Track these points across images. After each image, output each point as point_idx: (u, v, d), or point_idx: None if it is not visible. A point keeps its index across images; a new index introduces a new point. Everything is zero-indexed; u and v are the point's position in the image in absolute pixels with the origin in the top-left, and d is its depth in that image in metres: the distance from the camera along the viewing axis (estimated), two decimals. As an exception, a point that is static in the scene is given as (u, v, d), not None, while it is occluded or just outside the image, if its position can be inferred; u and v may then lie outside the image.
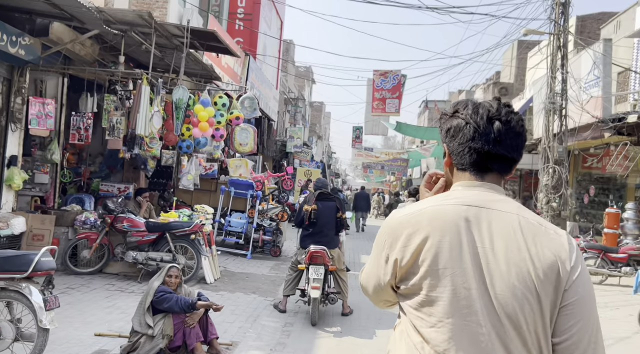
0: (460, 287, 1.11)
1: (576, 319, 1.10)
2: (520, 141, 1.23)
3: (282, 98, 26.24)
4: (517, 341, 1.09)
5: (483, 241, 1.14)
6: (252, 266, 8.60)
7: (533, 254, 1.12)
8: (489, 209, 1.17)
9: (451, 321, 1.11)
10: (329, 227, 5.57)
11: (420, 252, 1.15)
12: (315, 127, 45.93)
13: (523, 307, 1.09)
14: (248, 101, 9.52)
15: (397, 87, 12.78)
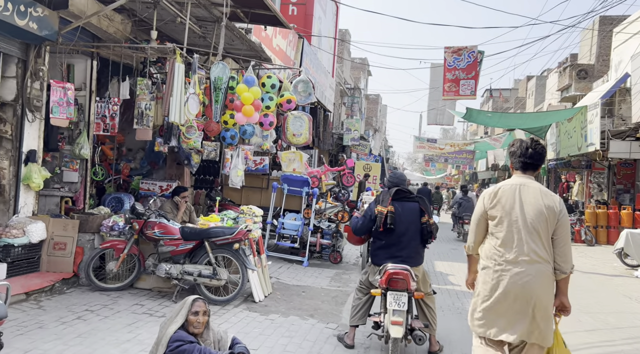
0: (512, 212, 2.88)
1: (561, 229, 2.85)
2: (541, 157, 3.01)
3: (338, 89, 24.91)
4: (537, 237, 2.83)
5: (523, 196, 2.90)
6: (310, 275, 7.33)
7: (544, 202, 2.86)
8: (525, 185, 2.94)
9: (507, 228, 2.88)
10: (411, 236, 4.14)
11: (498, 201, 2.93)
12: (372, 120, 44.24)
13: (540, 223, 2.83)
14: (302, 85, 8.23)
15: (472, 66, 11.05)
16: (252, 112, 5.61)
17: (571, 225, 14.09)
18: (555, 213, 2.83)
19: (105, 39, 6.33)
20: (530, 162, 2.98)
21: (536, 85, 33.54)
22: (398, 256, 4.09)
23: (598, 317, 5.98)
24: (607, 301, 6.88)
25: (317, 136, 14.95)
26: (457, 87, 11.26)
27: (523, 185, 2.93)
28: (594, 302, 6.74)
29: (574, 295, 7.29)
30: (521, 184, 2.94)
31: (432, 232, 4.11)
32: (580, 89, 24.08)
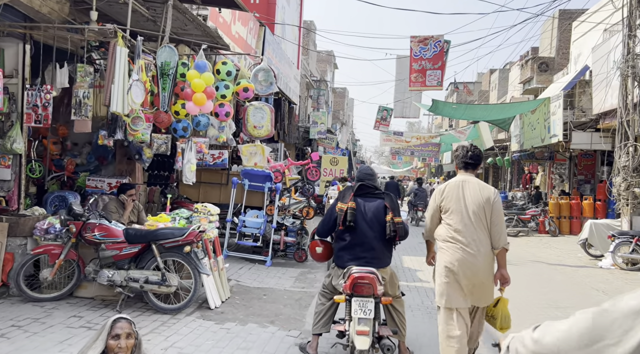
0: (458, 203, 3.49)
1: (495, 214, 3.45)
2: (479, 159, 3.69)
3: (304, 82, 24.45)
4: (479, 222, 3.44)
5: (465, 191, 3.51)
6: (272, 276, 6.92)
7: (482, 194, 3.48)
8: (467, 181, 3.57)
9: (455, 217, 3.48)
10: (377, 235, 3.78)
11: (447, 196, 3.56)
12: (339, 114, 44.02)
13: (480, 210, 3.44)
14: (263, 74, 7.75)
15: (439, 56, 10.80)
16: (205, 100, 5.11)
17: (535, 216, 14.20)
18: (490, 202, 3.51)
19: (38, 19, 5.66)
20: (471, 162, 3.70)
21: (499, 78, 34.06)
22: (363, 257, 3.73)
23: (569, 312, 5.83)
24: (576, 295, 6.78)
25: (282, 129, 14.48)
26: (423, 77, 11.01)
27: (465, 181, 3.61)
28: (564, 296, 6.63)
29: (543, 289, 7.20)
30: (463, 181, 3.62)
31: (396, 231, 3.74)
32: (541, 82, 24.50)
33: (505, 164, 20.93)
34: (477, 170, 3.73)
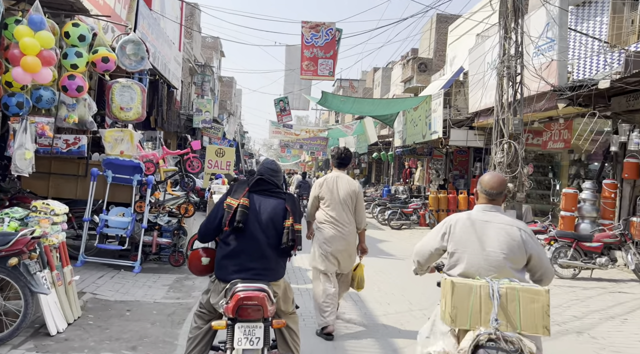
0: (332, 194, 4.58)
1: (359, 203, 4.64)
2: (349, 159, 4.83)
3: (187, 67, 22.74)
4: (347, 208, 4.58)
5: (338, 184, 4.60)
6: (141, 285, 5.85)
7: (350, 187, 4.60)
8: (340, 176, 4.65)
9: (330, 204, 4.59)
10: (270, 242, 3.08)
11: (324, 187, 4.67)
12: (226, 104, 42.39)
13: (348, 199, 4.57)
14: (132, 47, 6.59)
15: (331, 45, 10.43)
16: (38, 66, 3.89)
17: (417, 209, 14.69)
18: (356, 194, 4.64)
19: None
20: (343, 162, 4.79)
21: (382, 76, 35.50)
22: (251, 268, 3.00)
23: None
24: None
25: (160, 115, 13.02)
26: (315, 66, 10.57)
27: (338, 177, 4.68)
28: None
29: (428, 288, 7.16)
30: (337, 176, 4.68)
31: (294, 240, 3.08)
32: (421, 81, 25.86)
33: (388, 159, 21.62)
34: (347, 168, 4.90)
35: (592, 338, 4.78)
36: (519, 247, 2.61)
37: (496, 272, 2.56)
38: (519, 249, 2.60)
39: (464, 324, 2.38)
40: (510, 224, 2.68)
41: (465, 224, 2.71)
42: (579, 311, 5.77)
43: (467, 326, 2.38)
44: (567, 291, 6.79)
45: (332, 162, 4.85)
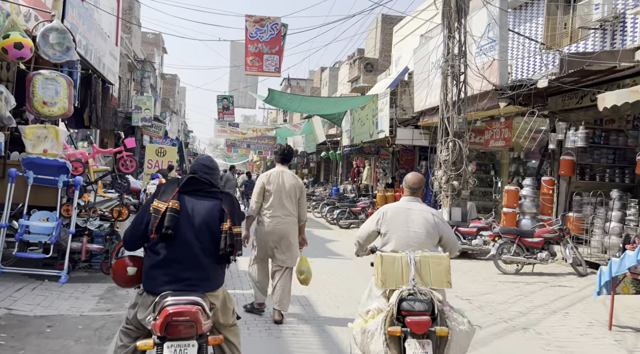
0: (277, 186, 4.85)
1: (302, 197, 4.96)
2: (290, 155, 5.12)
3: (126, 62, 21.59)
4: (290, 201, 4.86)
5: (283, 178, 4.88)
6: (67, 297, 5.30)
7: (294, 181, 4.92)
8: (284, 171, 4.95)
9: (274, 196, 4.82)
10: (205, 249, 2.76)
11: (270, 181, 4.90)
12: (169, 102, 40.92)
13: (291, 193, 4.86)
14: (56, 36, 6.01)
15: (276, 40, 10.10)
16: None
17: (365, 208, 14.68)
18: (299, 188, 4.95)
19: None
20: (286, 158, 5.05)
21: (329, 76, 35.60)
22: (185, 278, 2.68)
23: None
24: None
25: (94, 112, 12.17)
26: (260, 62, 10.21)
27: (283, 171, 4.94)
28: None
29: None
30: (282, 171, 4.94)
31: (234, 245, 2.78)
32: (367, 81, 26.09)
33: (337, 158, 21.59)
34: (289, 163, 5.16)
35: (538, 334, 4.81)
36: (434, 228, 3.42)
37: (418, 247, 3.33)
38: (433, 230, 3.42)
39: (391, 285, 3.17)
40: (426, 211, 3.51)
41: (394, 211, 3.52)
42: (524, 306, 5.84)
43: (393, 287, 3.15)
44: (511, 287, 6.90)
45: (276, 158, 5.16)
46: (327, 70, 36.85)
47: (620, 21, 9.32)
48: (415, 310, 2.95)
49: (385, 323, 2.98)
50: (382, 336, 2.96)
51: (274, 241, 4.79)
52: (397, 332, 2.93)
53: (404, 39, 20.09)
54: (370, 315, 3.21)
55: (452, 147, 10.15)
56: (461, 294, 6.38)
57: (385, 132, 15.05)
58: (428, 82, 12.87)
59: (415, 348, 2.88)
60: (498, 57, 10.48)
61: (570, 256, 7.88)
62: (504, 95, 10.10)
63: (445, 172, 10.18)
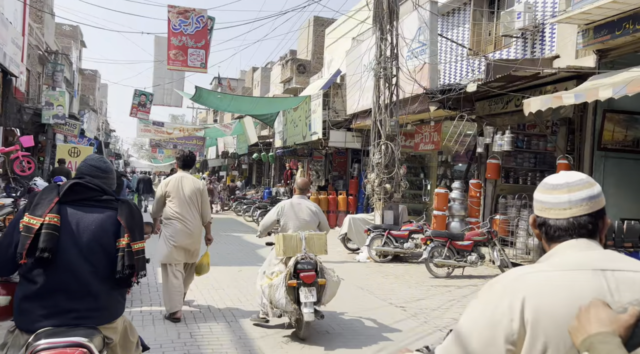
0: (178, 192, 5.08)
1: (204, 200, 5.18)
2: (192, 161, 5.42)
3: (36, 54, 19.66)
4: (193, 205, 5.08)
5: (183, 183, 5.10)
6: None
7: (194, 186, 5.11)
8: (185, 176, 5.19)
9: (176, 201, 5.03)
10: (95, 272, 2.23)
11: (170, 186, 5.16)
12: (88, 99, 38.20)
13: (193, 197, 5.06)
14: None
15: (202, 34, 9.43)
16: None
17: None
18: (200, 191, 5.14)
19: None
20: (187, 163, 5.29)
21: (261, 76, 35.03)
22: (70, 310, 2.14)
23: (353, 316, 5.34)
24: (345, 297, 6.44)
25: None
26: (184, 56, 9.50)
27: (183, 176, 5.15)
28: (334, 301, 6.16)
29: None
30: (182, 176, 5.15)
31: (134, 265, 2.27)
32: (300, 83, 25.86)
33: (269, 160, 21.10)
34: (191, 168, 5.44)
35: (473, 342, 4.69)
36: (315, 216, 4.99)
37: (306, 229, 4.82)
38: (315, 217, 4.99)
39: (289, 254, 4.60)
40: (310, 205, 5.08)
41: (289, 206, 4.98)
42: (457, 312, 5.76)
43: (291, 255, 4.59)
44: (443, 292, 6.85)
45: (177, 164, 5.41)
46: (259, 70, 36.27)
47: (540, 31, 9.72)
48: (306, 268, 4.45)
49: (286, 279, 4.45)
50: (283, 287, 4.43)
51: (179, 247, 5.04)
52: (294, 283, 4.42)
53: (336, 41, 20.04)
54: (274, 275, 4.67)
55: (384, 150, 10.07)
56: (395, 300, 6.21)
57: (318, 134, 14.83)
58: (360, 85, 12.80)
59: (305, 292, 4.37)
60: (429, 60, 10.58)
61: (498, 258, 8.02)
62: (434, 99, 10.20)
63: (378, 175, 10.09)
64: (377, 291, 6.74)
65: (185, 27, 9.20)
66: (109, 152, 33.53)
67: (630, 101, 7.52)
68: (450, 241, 8.13)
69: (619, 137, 7.62)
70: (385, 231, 9.35)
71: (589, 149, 7.63)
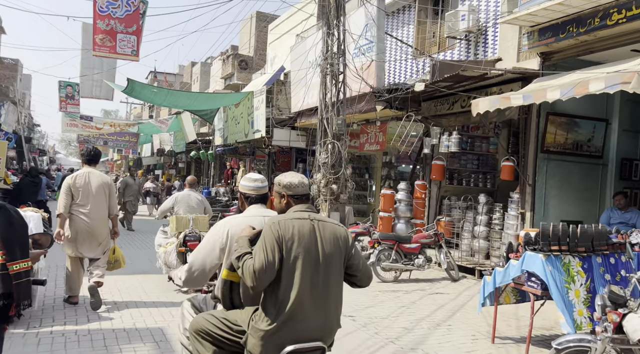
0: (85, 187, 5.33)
1: (112, 194, 5.63)
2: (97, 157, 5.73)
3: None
4: (100, 198, 5.38)
5: (90, 178, 5.38)
6: None
7: (103, 180, 5.45)
8: (92, 172, 5.46)
9: (82, 196, 5.29)
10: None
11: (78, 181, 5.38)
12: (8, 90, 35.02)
13: (100, 191, 5.37)
14: None
15: (134, 18, 8.52)
16: None
17: (239, 213, 13.67)
18: (109, 185, 5.48)
19: None
20: (92, 159, 5.56)
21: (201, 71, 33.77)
22: None
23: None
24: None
25: None
26: (113, 41, 8.56)
27: (90, 172, 5.43)
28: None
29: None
30: (89, 172, 5.43)
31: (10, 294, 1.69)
32: (242, 79, 25.07)
33: (209, 158, 20.19)
34: (97, 164, 5.63)
35: (427, 355, 4.40)
36: (201, 203, 6.80)
37: (194, 212, 6.51)
38: (201, 204, 6.80)
39: (181, 229, 6.17)
40: (197, 195, 6.89)
41: (181, 196, 6.74)
42: (408, 320, 5.48)
43: (182, 230, 6.12)
44: (392, 297, 6.57)
45: (82, 160, 5.62)
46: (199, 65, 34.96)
47: (483, 33, 9.77)
48: (192, 240, 5.87)
49: (177, 246, 5.89)
50: (175, 252, 5.91)
51: (88, 235, 5.30)
52: (183, 250, 5.80)
53: (280, 37, 19.52)
54: (169, 244, 6.15)
55: (331, 149, 9.72)
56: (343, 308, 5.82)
57: (261, 132, 14.25)
58: (306, 82, 12.39)
59: None
60: (376, 58, 10.34)
61: (445, 261, 7.89)
62: (380, 98, 9.98)
63: (325, 175, 9.71)
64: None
65: (114, 9, 8.28)
66: (32, 147, 30.86)
67: (571, 105, 7.65)
68: (398, 244, 7.90)
69: (560, 140, 7.72)
70: (330, 234, 8.98)
71: (532, 151, 7.68)
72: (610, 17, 6.18)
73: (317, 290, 2.23)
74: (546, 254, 4.19)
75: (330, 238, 2.31)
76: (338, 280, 2.39)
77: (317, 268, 2.24)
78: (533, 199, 7.64)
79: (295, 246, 2.19)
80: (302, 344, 2.17)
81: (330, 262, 2.29)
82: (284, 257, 2.17)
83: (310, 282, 2.21)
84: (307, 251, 2.21)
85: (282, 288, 2.17)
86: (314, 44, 11.39)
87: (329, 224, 2.37)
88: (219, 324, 2.30)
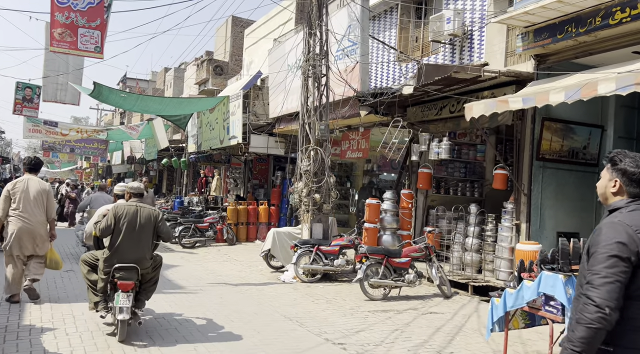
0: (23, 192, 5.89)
1: (49, 198, 6.07)
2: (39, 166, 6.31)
3: None
4: (39, 204, 5.86)
5: (29, 184, 5.94)
6: None
7: (40, 187, 6.02)
8: (32, 179, 6.05)
9: (21, 201, 5.80)
10: None
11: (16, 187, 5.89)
12: (-32, 94, 33.28)
13: (38, 197, 5.86)
14: None
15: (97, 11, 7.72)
16: None
17: (213, 224, 12.88)
18: (46, 191, 5.94)
19: None
20: (34, 167, 6.09)
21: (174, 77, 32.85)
22: None
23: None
24: (271, 332, 5.31)
25: None
26: (74, 36, 7.73)
27: (30, 179, 5.93)
28: (257, 338, 5.01)
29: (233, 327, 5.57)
30: (28, 179, 5.92)
31: None
32: (217, 85, 24.33)
33: (181, 166, 19.32)
34: (38, 172, 6.29)
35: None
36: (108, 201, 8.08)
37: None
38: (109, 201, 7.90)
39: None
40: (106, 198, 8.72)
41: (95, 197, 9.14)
42: (404, 347, 4.90)
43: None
44: (383, 319, 5.97)
45: (24, 168, 6.12)
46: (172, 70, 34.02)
47: (468, 37, 9.39)
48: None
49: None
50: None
51: (27, 238, 5.72)
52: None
53: (257, 42, 18.92)
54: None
55: (313, 156, 9.12)
56: (332, 334, 5.20)
57: (237, 139, 13.55)
58: (285, 86, 11.80)
59: None
60: (360, 60, 9.84)
61: (437, 276, 7.36)
62: (365, 102, 9.47)
63: (307, 184, 9.10)
64: (308, 322, 5.69)
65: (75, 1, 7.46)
66: (-8, 155, 29.24)
67: (565, 110, 7.29)
68: (387, 259, 7.33)
69: (556, 147, 7.33)
70: (314, 247, 8.36)
71: (527, 158, 7.26)
72: (613, 16, 5.82)
73: (133, 241, 4.64)
74: (567, 274, 3.68)
75: (146, 215, 4.77)
76: (148, 237, 4.77)
77: (134, 230, 4.67)
78: (529, 210, 7.21)
79: (122, 218, 4.66)
80: (123, 264, 4.56)
81: (143, 227, 4.72)
82: (116, 223, 4.64)
83: (129, 236, 4.64)
84: (129, 221, 4.66)
85: (113, 238, 4.63)
86: (293, 46, 10.83)
87: (146, 208, 4.83)
88: (90, 256, 4.90)
